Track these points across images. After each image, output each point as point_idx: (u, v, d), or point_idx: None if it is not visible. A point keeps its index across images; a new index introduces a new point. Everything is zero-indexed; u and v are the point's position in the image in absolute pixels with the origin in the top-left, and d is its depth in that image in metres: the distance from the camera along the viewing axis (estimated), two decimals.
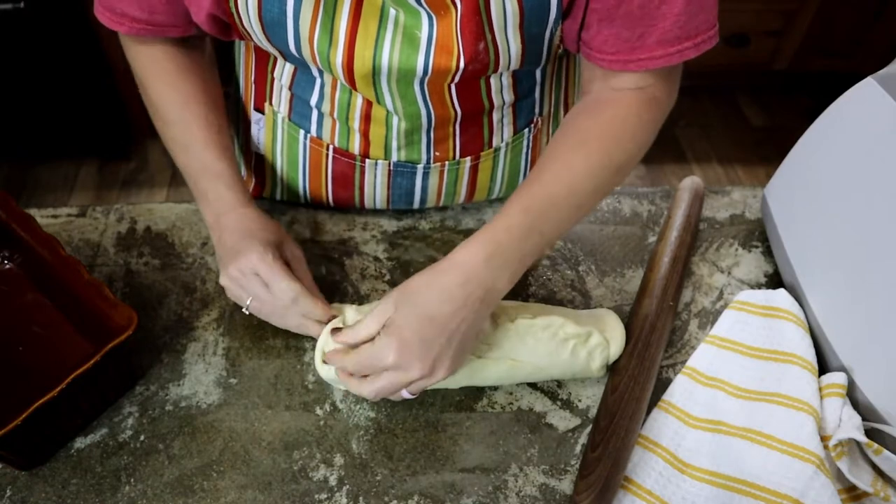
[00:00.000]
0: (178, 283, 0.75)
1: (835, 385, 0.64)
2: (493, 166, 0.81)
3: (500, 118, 0.76)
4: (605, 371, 0.67)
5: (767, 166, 2.23)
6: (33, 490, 0.60)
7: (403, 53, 0.62)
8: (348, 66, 0.63)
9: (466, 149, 0.77)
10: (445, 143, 0.75)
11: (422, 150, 0.75)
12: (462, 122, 0.74)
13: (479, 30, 0.60)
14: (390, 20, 0.61)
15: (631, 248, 0.81)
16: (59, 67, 1.83)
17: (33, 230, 0.68)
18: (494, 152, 0.79)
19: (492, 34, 0.60)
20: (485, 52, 0.61)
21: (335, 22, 0.61)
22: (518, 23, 0.60)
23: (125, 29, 0.67)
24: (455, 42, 0.60)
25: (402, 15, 0.60)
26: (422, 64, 0.62)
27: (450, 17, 0.59)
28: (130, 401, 0.66)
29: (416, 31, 0.60)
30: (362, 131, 0.73)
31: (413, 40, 0.61)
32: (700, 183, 0.83)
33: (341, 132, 0.75)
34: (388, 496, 0.61)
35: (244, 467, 0.62)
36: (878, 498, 0.60)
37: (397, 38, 0.61)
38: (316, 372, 0.68)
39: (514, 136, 0.79)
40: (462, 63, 0.62)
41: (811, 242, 0.71)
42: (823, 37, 2.17)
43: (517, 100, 0.75)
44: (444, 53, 0.61)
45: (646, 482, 0.62)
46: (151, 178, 2.13)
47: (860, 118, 0.67)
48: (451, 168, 0.78)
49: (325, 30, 0.61)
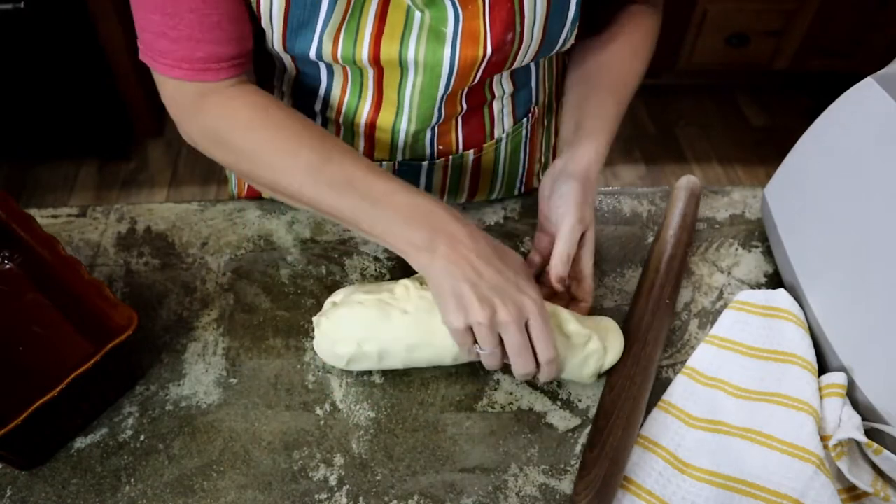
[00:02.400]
0: (178, 283, 0.75)
1: (835, 385, 0.64)
2: (495, 159, 0.81)
3: (500, 108, 0.77)
4: (595, 378, 0.67)
5: (767, 166, 2.23)
6: (33, 490, 0.60)
7: (430, 48, 0.63)
8: (374, 57, 0.63)
9: (469, 141, 0.77)
10: (448, 136, 0.76)
11: (426, 146, 0.76)
12: (465, 115, 0.75)
13: (511, 19, 0.61)
14: (416, 22, 0.61)
15: (631, 248, 0.81)
16: (59, 67, 1.83)
17: (33, 230, 0.68)
18: (496, 144, 0.80)
19: (521, 26, 0.62)
20: (510, 43, 0.63)
21: (360, 24, 0.61)
22: (544, 19, 0.62)
23: (226, 74, 0.60)
24: (482, 30, 0.61)
25: (427, 15, 0.61)
26: (448, 56, 0.63)
27: (477, 7, 0.60)
28: (130, 401, 0.66)
29: (442, 28, 0.61)
30: (367, 135, 0.74)
31: (439, 36, 0.62)
32: (697, 182, 0.83)
33: (345, 136, 0.75)
34: (388, 496, 0.61)
35: (244, 467, 0.62)
36: (878, 498, 0.60)
37: (423, 36, 0.62)
38: (316, 372, 0.68)
39: (514, 127, 0.80)
40: (489, 51, 0.62)
41: (811, 242, 0.71)
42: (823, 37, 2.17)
43: (515, 90, 0.76)
44: (470, 44, 0.62)
45: (646, 482, 0.62)
46: (151, 178, 2.13)
47: (860, 118, 0.67)
48: (454, 163, 0.78)
49: (349, 33, 0.61)
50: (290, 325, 0.72)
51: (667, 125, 2.37)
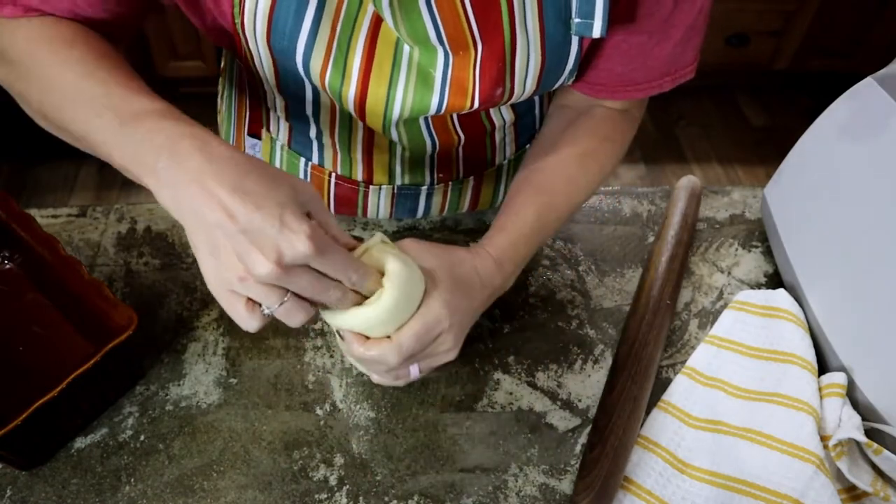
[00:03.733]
0: (178, 283, 0.75)
1: (835, 385, 0.64)
2: (496, 182, 0.81)
3: (501, 137, 0.75)
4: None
5: (767, 166, 2.23)
6: (33, 490, 0.60)
7: (417, 94, 0.60)
8: (360, 102, 0.61)
9: (470, 169, 0.77)
10: (449, 167, 0.75)
11: (425, 173, 0.75)
12: (465, 145, 0.73)
13: (500, 76, 0.58)
14: (404, 59, 0.59)
15: (631, 248, 0.81)
16: None
17: (33, 230, 0.68)
18: (497, 170, 0.79)
19: (511, 82, 0.59)
20: (500, 97, 0.61)
21: (349, 59, 0.58)
22: (538, 75, 0.60)
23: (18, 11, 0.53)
24: (471, 82, 0.59)
25: (416, 53, 0.58)
26: (435, 104, 0.60)
27: (468, 56, 0.58)
28: (130, 401, 0.66)
29: (431, 70, 0.59)
30: (365, 161, 0.73)
31: (427, 79, 0.59)
32: (697, 182, 0.84)
33: (343, 161, 0.73)
34: (388, 496, 0.61)
35: (244, 467, 0.62)
36: (877, 498, 0.60)
37: (411, 77, 0.59)
38: (316, 372, 0.68)
39: (517, 153, 0.79)
40: (476, 103, 0.60)
41: (811, 242, 0.71)
42: (823, 37, 2.17)
43: (517, 118, 0.74)
44: (458, 94, 0.60)
45: (645, 482, 0.62)
46: None
47: (860, 118, 0.67)
48: (454, 187, 0.78)
49: (337, 66, 0.58)
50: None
51: (667, 125, 2.37)
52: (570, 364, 0.70)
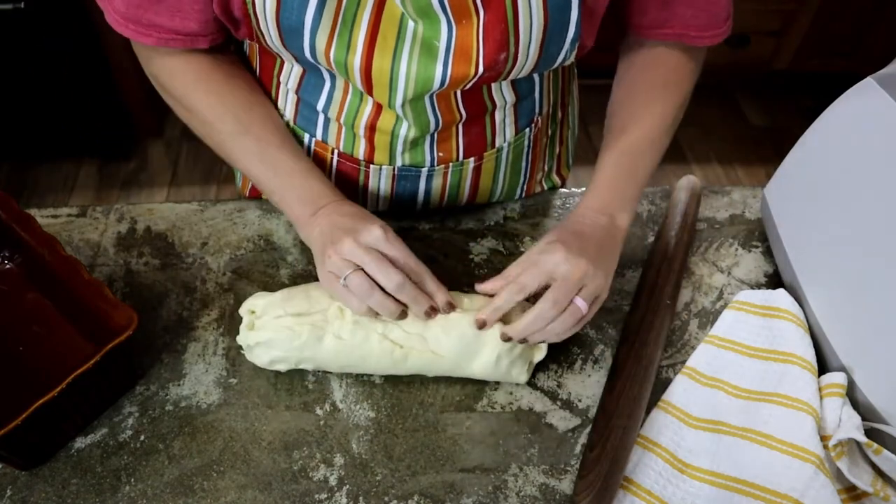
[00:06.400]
0: (178, 283, 0.75)
1: (835, 385, 0.64)
2: (496, 167, 0.81)
3: (502, 118, 0.76)
4: (528, 376, 0.67)
5: (767, 166, 2.23)
6: (33, 490, 0.60)
7: (421, 64, 0.62)
8: (366, 72, 0.63)
9: (469, 150, 0.77)
10: (448, 144, 0.75)
11: (425, 151, 0.75)
12: (465, 123, 0.74)
13: (504, 39, 0.60)
14: (409, 33, 0.61)
15: (630, 248, 0.81)
16: (59, 67, 1.83)
17: (33, 230, 0.68)
18: (497, 152, 0.79)
19: (516, 47, 0.61)
20: (503, 62, 0.62)
21: (353, 33, 0.61)
22: (541, 38, 0.61)
23: (152, 41, 0.64)
24: (475, 49, 0.61)
25: (420, 27, 0.60)
26: (440, 74, 0.62)
27: (471, 24, 0.60)
28: (130, 401, 0.66)
29: (435, 41, 0.61)
30: (367, 137, 0.73)
31: (431, 50, 0.61)
32: (697, 182, 0.83)
33: (347, 137, 0.75)
34: (388, 496, 0.61)
35: (244, 467, 0.62)
36: (877, 498, 0.60)
37: (415, 49, 0.62)
38: (316, 372, 0.68)
39: (516, 136, 0.79)
40: (480, 70, 0.62)
41: (811, 242, 0.71)
42: (823, 37, 2.17)
43: (518, 100, 0.75)
44: (462, 61, 0.61)
45: (645, 482, 0.62)
46: (151, 179, 2.13)
47: (860, 118, 0.67)
48: (454, 170, 0.78)
49: (342, 40, 0.61)
50: None
51: None
52: (570, 364, 0.70)
